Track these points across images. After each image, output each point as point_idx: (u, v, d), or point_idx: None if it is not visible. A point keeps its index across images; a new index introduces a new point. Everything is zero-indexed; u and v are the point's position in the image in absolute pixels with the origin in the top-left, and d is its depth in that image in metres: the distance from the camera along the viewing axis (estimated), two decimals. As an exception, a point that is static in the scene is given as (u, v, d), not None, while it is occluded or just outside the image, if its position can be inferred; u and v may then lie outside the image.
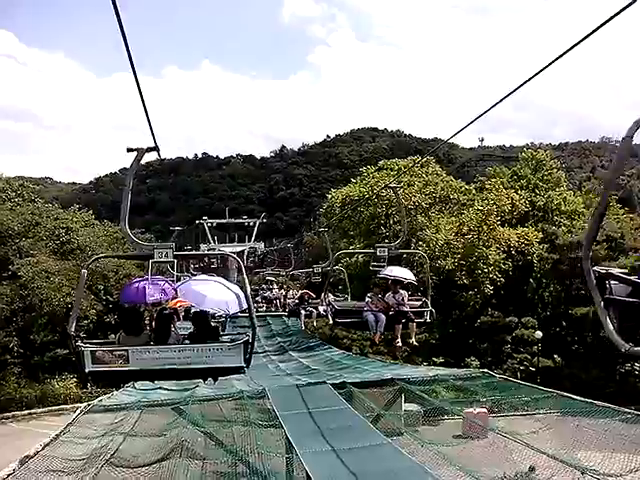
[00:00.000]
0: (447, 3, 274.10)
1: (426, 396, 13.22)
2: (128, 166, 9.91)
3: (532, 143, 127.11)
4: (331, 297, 24.65)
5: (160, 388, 14.71)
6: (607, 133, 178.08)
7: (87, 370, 9.18)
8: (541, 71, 6.76)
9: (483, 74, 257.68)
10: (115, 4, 5.21)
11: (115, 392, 15.14)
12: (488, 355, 38.74)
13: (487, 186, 41.62)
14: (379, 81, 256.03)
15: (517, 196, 40.51)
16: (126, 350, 9.22)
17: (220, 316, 13.54)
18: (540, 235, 39.74)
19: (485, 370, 14.32)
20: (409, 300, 15.18)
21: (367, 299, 15.38)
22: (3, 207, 40.72)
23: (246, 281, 10.45)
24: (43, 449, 9.44)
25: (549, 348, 37.61)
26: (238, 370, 9.64)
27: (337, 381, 14.06)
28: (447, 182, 42.12)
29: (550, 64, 6.58)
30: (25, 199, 45.18)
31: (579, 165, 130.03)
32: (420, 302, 15.58)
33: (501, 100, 7.89)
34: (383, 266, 14.59)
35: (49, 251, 40.49)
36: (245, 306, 10.19)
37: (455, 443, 10.69)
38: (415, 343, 15.78)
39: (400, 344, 15.40)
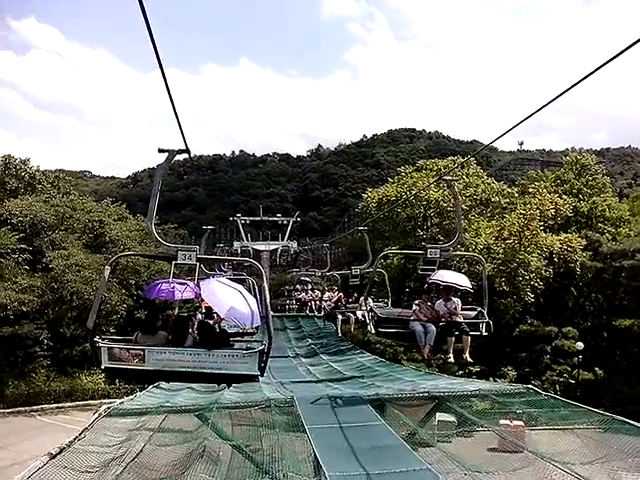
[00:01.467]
0: (485, 3, 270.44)
1: (463, 410, 12.28)
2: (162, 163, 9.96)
3: (572, 148, 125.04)
4: (371, 302, 23.55)
5: (187, 389, 14.35)
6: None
7: (103, 366, 9.36)
8: (583, 79, 6.79)
9: (522, 76, 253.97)
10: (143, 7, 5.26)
11: (138, 393, 14.54)
12: (525, 365, 37.45)
13: (530, 190, 40.25)
14: (417, 82, 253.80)
15: (561, 201, 39.04)
16: (143, 350, 9.29)
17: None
18: (584, 242, 38.18)
19: (530, 386, 13.08)
20: (462, 310, 13.72)
21: (414, 307, 13.77)
22: (38, 199, 40.80)
23: (266, 289, 10.40)
24: (54, 458, 8.79)
25: (590, 360, 36.10)
26: (252, 378, 9.72)
27: (371, 392, 13.18)
28: (488, 184, 40.82)
29: (593, 72, 6.54)
30: (60, 191, 45.35)
31: (620, 172, 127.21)
32: (475, 312, 13.99)
33: (543, 107, 7.87)
34: (433, 269, 13.01)
35: (81, 244, 40.48)
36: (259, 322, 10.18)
37: (500, 471, 9.72)
38: (469, 359, 13.98)
39: (452, 360, 13.86)
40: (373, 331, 14.50)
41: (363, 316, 23.42)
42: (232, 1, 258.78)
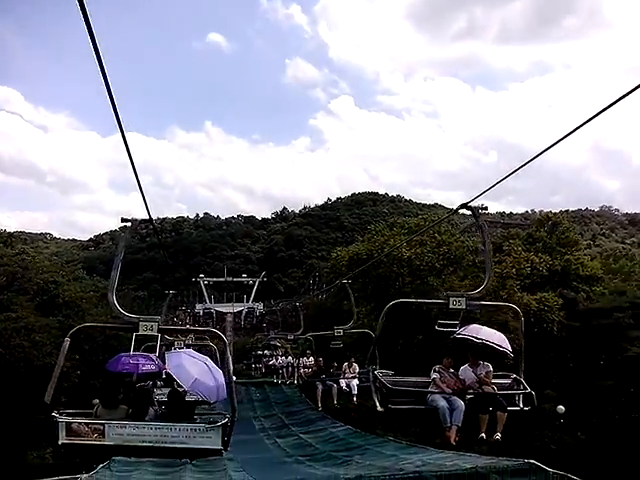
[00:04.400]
0: (444, 72, 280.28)
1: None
2: (126, 226, 10.31)
3: (532, 210, 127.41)
4: (356, 368, 21.64)
5: (143, 469, 12.61)
6: (607, 202, 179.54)
7: (60, 442, 9.01)
8: (542, 153, 7.48)
9: (481, 142, 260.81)
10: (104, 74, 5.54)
11: (83, 476, 12.55)
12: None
13: (504, 247, 39.37)
14: (379, 147, 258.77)
15: (537, 259, 38.16)
16: (103, 424, 9.02)
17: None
18: (560, 301, 37.11)
19: (533, 462, 11.05)
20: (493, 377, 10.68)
21: (433, 374, 10.60)
22: (-13, 258, 38.53)
23: (230, 360, 10.72)
24: None
25: (572, 424, 34.42)
26: (216, 452, 9.53)
27: (352, 473, 11.28)
28: (461, 242, 39.92)
29: (552, 146, 7.21)
30: (13, 250, 43.22)
31: (580, 233, 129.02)
32: (508, 380, 11.15)
33: (508, 176, 8.59)
34: (456, 324, 10.15)
35: (33, 306, 37.98)
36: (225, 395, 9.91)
37: None
38: (499, 439, 10.39)
39: (484, 437, 10.34)
40: (380, 408, 10.61)
41: (348, 386, 21.55)
42: (196, 67, 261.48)
